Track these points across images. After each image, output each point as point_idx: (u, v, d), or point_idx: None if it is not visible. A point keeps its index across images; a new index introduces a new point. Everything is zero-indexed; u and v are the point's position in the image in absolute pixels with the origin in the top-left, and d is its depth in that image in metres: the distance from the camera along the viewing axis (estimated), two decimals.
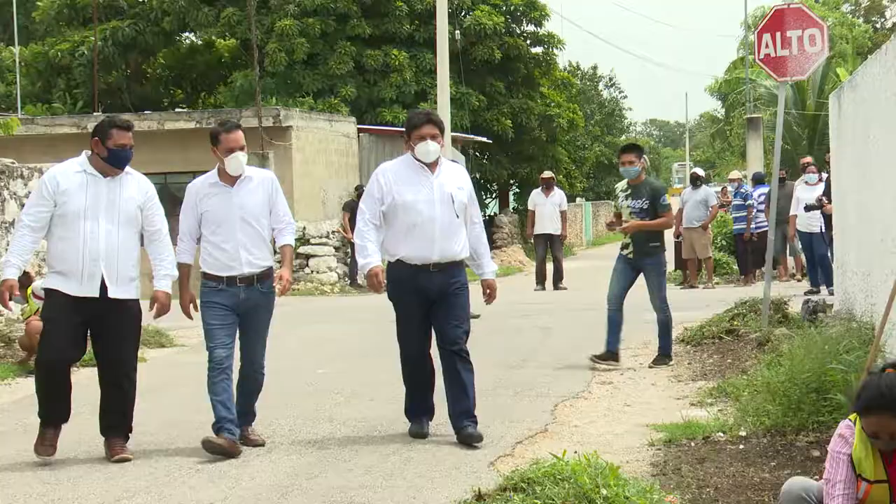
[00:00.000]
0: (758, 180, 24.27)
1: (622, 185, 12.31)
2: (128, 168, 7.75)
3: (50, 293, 7.64)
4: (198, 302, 8.06)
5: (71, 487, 7.10)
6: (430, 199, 7.85)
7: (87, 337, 7.82)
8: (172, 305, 8.03)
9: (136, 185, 7.80)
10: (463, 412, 8.00)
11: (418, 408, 8.28)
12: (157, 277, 7.92)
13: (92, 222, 7.47)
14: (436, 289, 8.00)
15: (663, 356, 12.09)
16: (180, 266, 8.03)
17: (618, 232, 13.21)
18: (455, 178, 8.18)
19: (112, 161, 7.61)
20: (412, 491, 7.03)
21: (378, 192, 8.00)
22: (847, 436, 5.24)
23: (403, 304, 8.14)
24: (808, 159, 21.21)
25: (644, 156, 12.41)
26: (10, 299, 7.67)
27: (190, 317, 8.14)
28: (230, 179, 7.90)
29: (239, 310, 7.93)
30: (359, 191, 25.38)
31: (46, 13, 37.74)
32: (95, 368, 8.19)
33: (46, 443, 7.54)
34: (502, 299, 17.10)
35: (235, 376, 8.10)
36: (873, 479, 5.17)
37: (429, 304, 8.08)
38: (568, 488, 6.06)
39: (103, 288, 7.49)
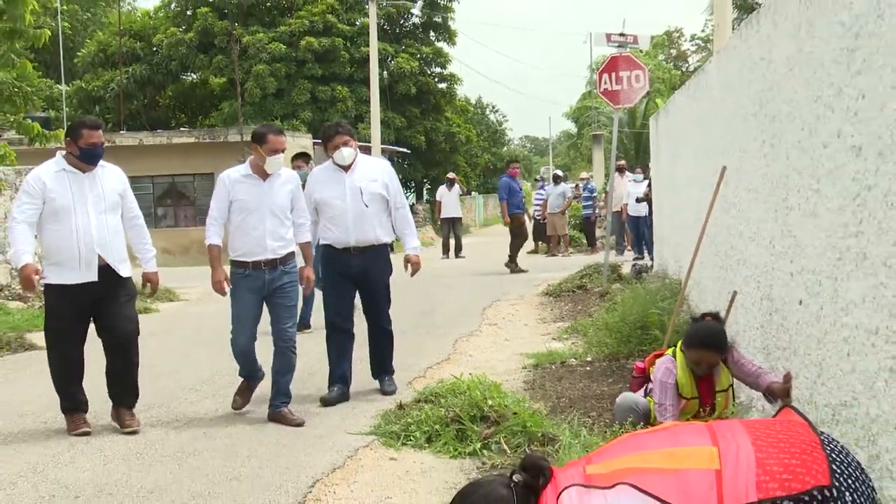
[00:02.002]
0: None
1: None
2: (101, 162, 6.35)
3: (51, 288, 6.20)
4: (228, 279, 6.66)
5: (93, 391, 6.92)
6: (342, 194, 7.05)
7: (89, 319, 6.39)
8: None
9: (113, 176, 6.43)
10: (382, 370, 7.45)
11: (334, 374, 7.26)
12: (144, 261, 6.60)
13: (82, 214, 6.11)
14: (357, 269, 7.11)
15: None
16: (211, 247, 6.59)
17: None
18: (370, 172, 7.26)
19: (84, 158, 6.19)
20: (352, 404, 7.02)
21: (308, 194, 7.23)
22: (672, 368, 5.35)
23: (329, 279, 7.29)
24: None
25: (311, 161, 11.32)
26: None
27: (223, 293, 6.62)
28: (263, 174, 6.53)
29: (265, 291, 6.53)
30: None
31: (85, 59, 37.07)
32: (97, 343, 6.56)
33: (80, 422, 6.24)
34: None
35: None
36: (689, 396, 5.31)
37: (352, 282, 7.24)
38: (464, 399, 6.10)
39: (101, 271, 6.18)
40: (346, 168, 7.17)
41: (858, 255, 3.65)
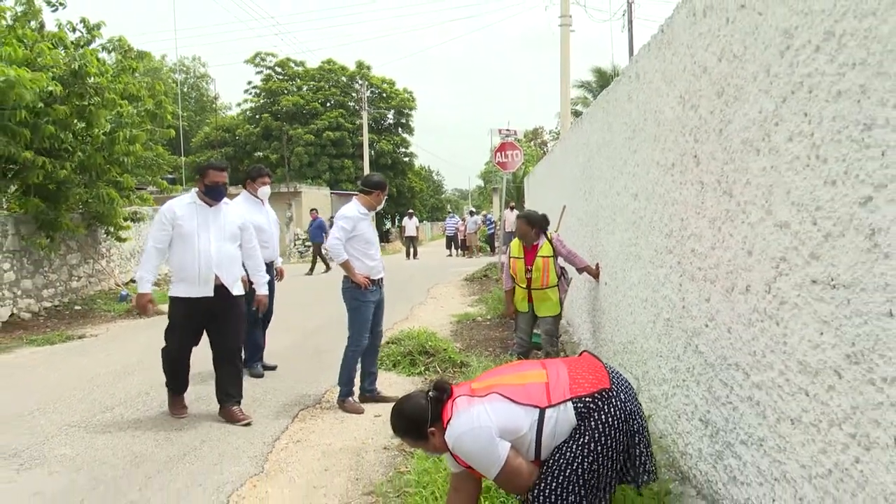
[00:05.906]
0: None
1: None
2: (227, 199, 4.70)
3: (175, 299, 4.49)
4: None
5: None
6: (266, 221, 5.71)
7: (203, 329, 4.60)
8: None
9: (235, 212, 4.74)
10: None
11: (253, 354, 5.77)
12: (257, 285, 4.83)
13: (204, 240, 4.45)
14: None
15: None
16: (347, 262, 4.59)
17: None
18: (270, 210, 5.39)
19: (209, 194, 4.51)
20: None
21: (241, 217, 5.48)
22: (510, 247, 5.30)
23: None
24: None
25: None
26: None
27: (369, 287, 4.63)
28: (373, 209, 4.75)
29: (377, 302, 4.76)
30: (330, 220, 24.77)
31: (196, 143, 36.26)
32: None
33: (178, 405, 4.67)
34: (391, 264, 16.96)
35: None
36: (517, 255, 5.16)
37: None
38: (415, 342, 6.03)
39: (217, 288, 4.47)
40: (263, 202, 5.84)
41: (636, 256, 3.67)
